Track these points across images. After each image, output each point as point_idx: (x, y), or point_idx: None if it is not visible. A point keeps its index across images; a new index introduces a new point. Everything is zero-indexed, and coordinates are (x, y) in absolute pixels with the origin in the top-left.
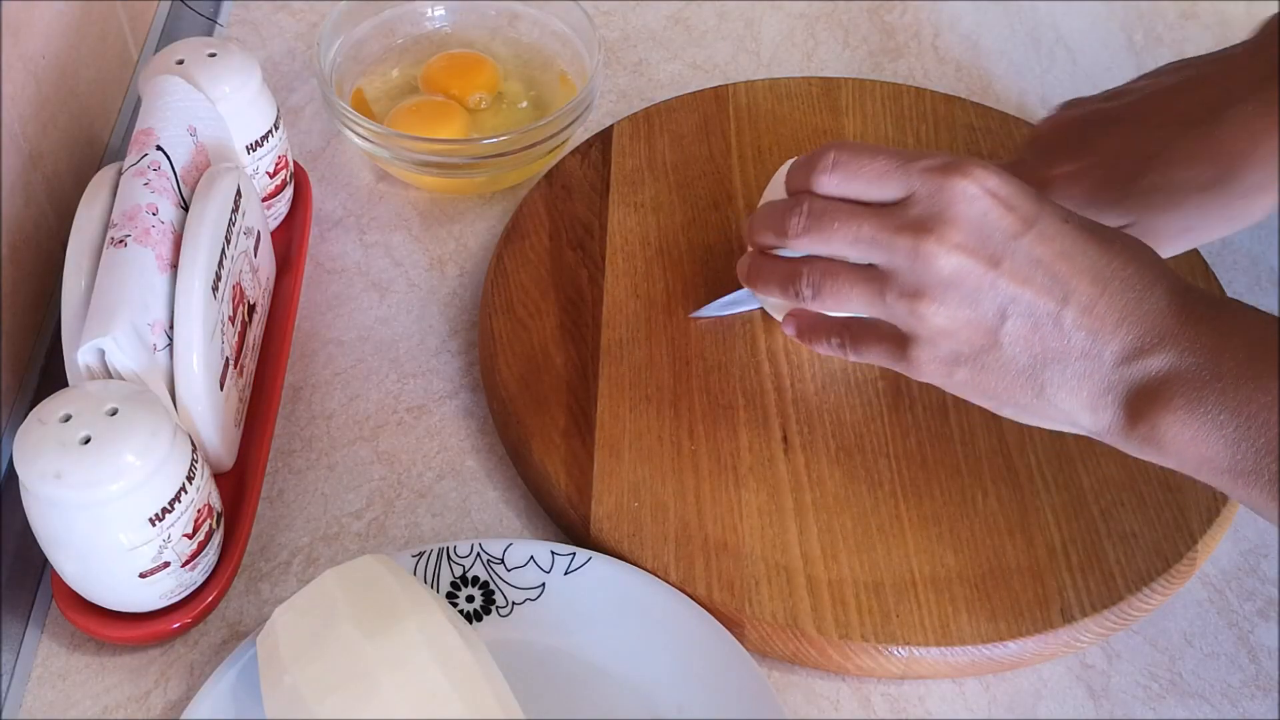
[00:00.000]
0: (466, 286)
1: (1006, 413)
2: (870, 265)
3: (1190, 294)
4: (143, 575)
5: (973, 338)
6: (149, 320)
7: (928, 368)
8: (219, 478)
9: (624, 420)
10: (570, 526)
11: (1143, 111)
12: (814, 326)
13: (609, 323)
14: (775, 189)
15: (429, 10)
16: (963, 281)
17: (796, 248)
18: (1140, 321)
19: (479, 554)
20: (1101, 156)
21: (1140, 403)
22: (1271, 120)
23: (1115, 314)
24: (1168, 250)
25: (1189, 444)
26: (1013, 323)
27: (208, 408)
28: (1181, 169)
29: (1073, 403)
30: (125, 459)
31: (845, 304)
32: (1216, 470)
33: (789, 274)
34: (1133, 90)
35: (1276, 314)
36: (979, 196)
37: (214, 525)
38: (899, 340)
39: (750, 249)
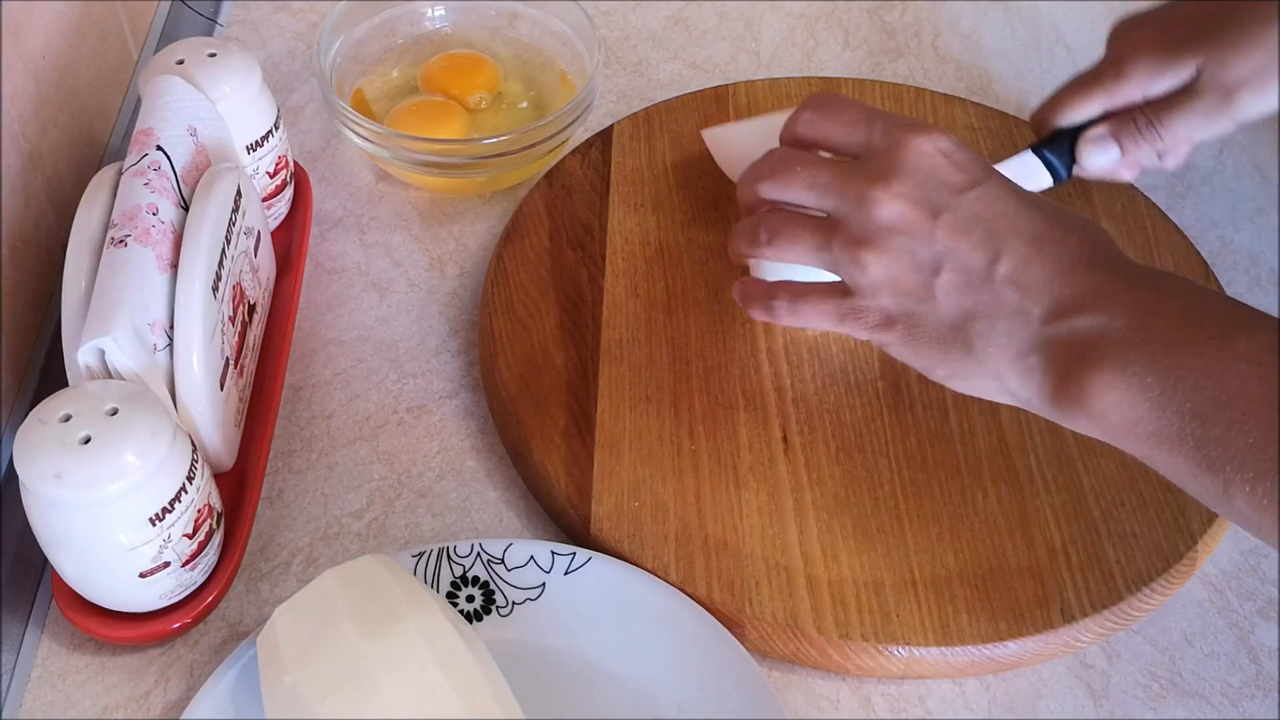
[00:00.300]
0: (466, 286)
1: (939, 374)
2: (825, 217)
3: (1130, 265)
4: (143, 575)
5: (909, 288)
6: (149, 320)
7: (864, 321)
8: (219, 478)
9: (624, 420)
10: (570, 526)
11: None
12: (755, 290)
13: (609, 323)
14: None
15: (429, 10)
16: (902, 229)
17: (764, 192)
18: (1071, 283)
19: (479, 554)
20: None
21: (1067, 362)
22: None
23: (1046, 274)
24: (1239, 103)
25: (1115, 406)
26: (947, 274)
27: (208, 408)
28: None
29: (1000, 360)
30: (125, 459)
31: (797, 247)
32: (1141, 434)
33: (753, 225)
34: None
35: (1277, 314)
36: (931, 154)
37: (214, 525)
38: (839, 296)
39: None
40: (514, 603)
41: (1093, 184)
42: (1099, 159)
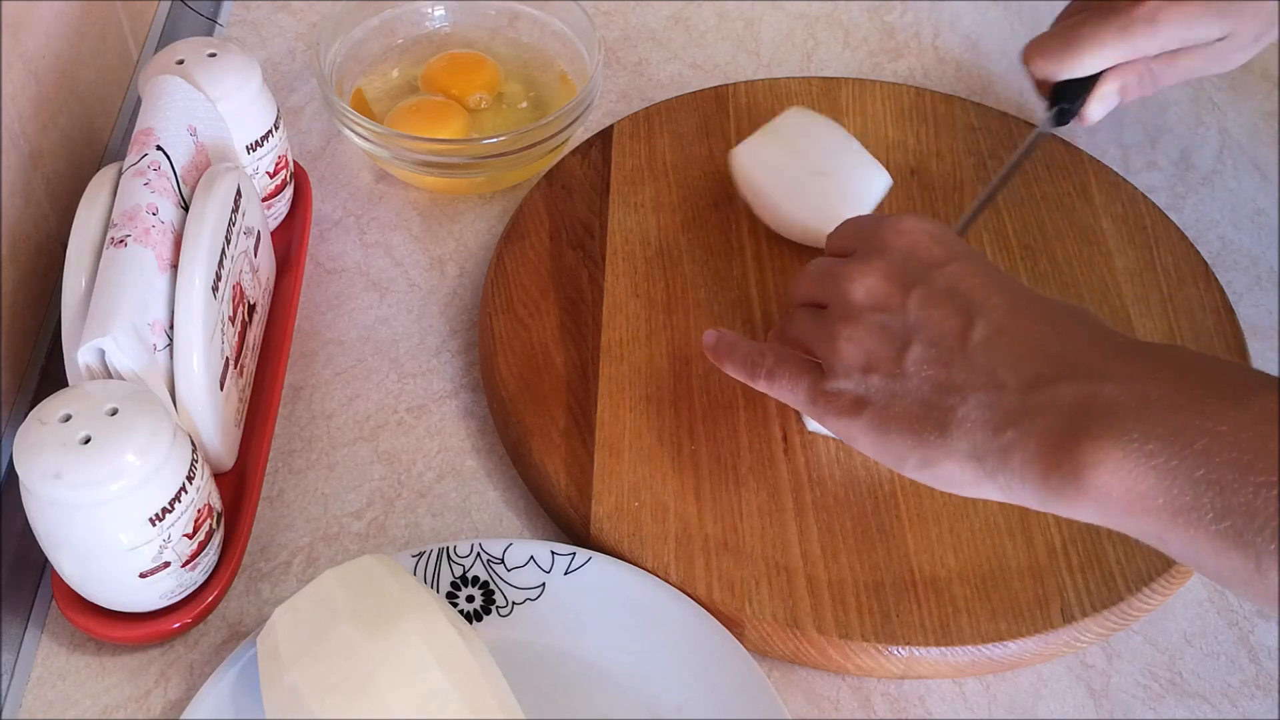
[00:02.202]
0: (466, 286)
1: (911, 464)
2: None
3: (1121, 336)
4: (143, 575)
5: (879, 363)
6: (149, 320)
7: (835, 405)
8: (219, 478)
9: (624, 420)
10: (570, 526)
11: None
12: (733, 347)
13: (609, 323)
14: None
15: (429, 10)
16: (874, 304)
17: (794, 295)
18: (1053, 351)
19: (479, 554)
20: None
21: (1055, 436)
22: None
23: (1027, 341)
24: (1239, 58)
25: (1115, 479)
26: (917, 347)
27: (208, 408)
28: None
29: (976, 437)
30: (125, 459)
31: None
32: (1150, 510)
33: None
34: None
35: (1276, 314)
36: (911, 231)
37: (214, 525)
38: (815, 375)
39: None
40: (514, 603)
41: (1093, 184)
42: (1103, 111)
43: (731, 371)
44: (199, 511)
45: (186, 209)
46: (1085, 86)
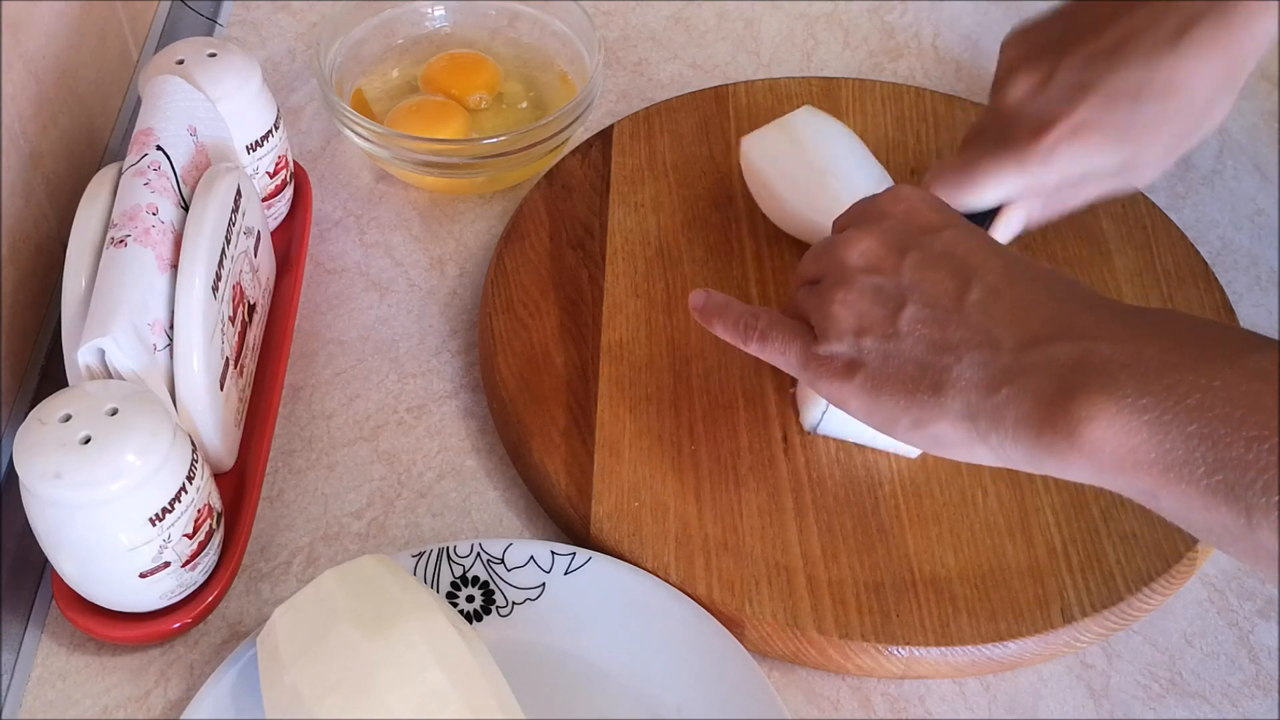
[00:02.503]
0: (466, 286)
1: (903, 426)
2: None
3: (1115, 303)
4: (143, 575)
5: (873, 324)
6: (149, 320)
7: (827, 368)
8: (219, 478)
9: (624, 420)
10: (570, 526)
11: (1109, 38)
12: (724, 307)
13: (609, 323)
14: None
15: (429, 10)
16: (869, 266)
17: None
18: (1048, 313)
19: (479, 554)
20: (1095, 100)
21: (1047, 391)
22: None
23: (1021, 303)
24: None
25: (1109, 433)
26: (911, 307)
27: (208, 408)
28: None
29: (970, 396)
30: (125, 459)
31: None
32: (1142, 464)
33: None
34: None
35: (1276, 314)
36: (908, 198)
37: (214, 525)
38: (807, 338)
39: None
40: (514, 603)
41: None
42: (1008, 237)
43: (721, 332)
44: (199, 511)
45: (186, 209)
46: (989, 214)
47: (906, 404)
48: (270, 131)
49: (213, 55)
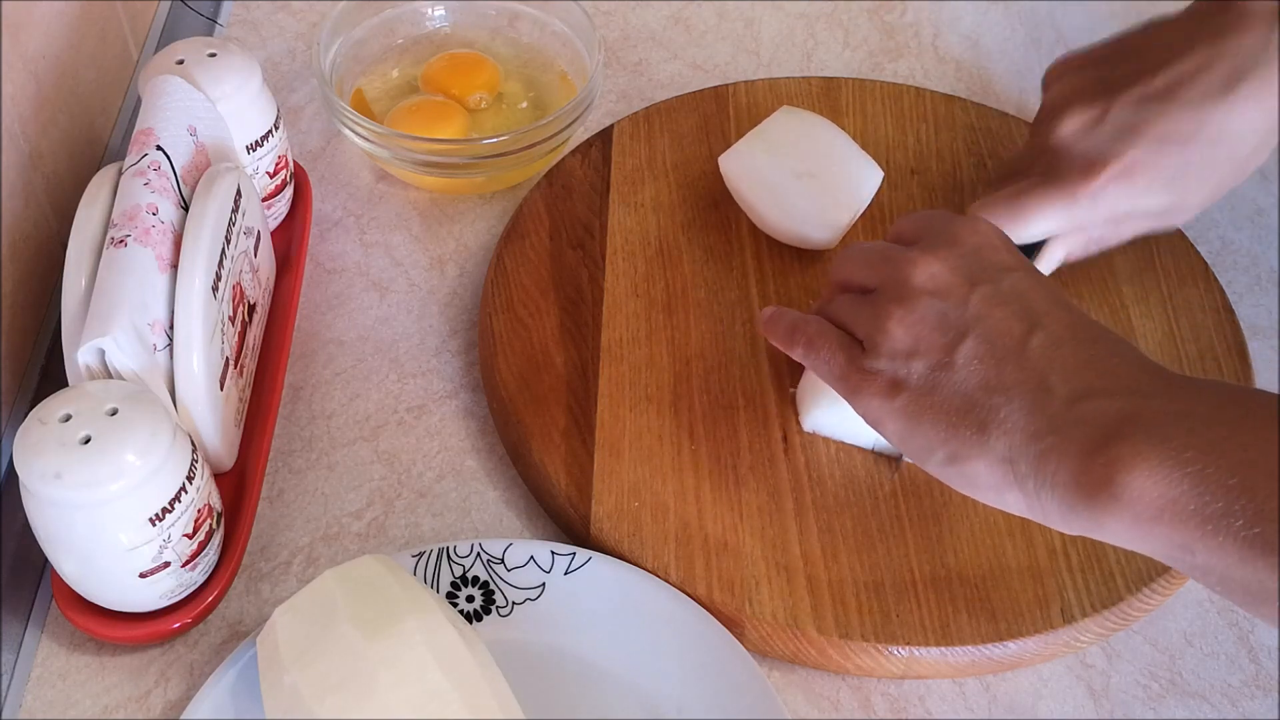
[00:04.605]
0: (466, 286)
1: (938, 458)
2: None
3: (1168, 370)
4: (143, 575)
5: (929, 350)
6: (149, 320)
7: (870, 385)
8: (219, 478)
9: (624, 420)
10: (570, 526)
11: (1160, 84)
12: (779, 315)
13: (609, 323)
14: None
15: (429, 10)
16: (935, 291)
17: (834, 273)
18: (1104, 369)
19: (479, 554)
20: (1145, 143)
21: (1092, 441)
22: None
23: (1079, 356)
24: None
25: (1149, 482)
26: (972, 341)
27: (208, 408)
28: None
29: (1013, 440)
30: (125, 459)
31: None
32: (1180, 515)
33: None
34: (1133, 55)
35: (1276, 314)
36: (985, 233)
37: (214, 525)
38: (853, 350)
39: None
40: (514, 603)
41: None
42: (1048, 270)
43: (774, 340)
44: (199, 511)
45: (186, 209)
46: (1034, 246)
47: (946, 436)
48: (270, 131)
49: (213, 55)
